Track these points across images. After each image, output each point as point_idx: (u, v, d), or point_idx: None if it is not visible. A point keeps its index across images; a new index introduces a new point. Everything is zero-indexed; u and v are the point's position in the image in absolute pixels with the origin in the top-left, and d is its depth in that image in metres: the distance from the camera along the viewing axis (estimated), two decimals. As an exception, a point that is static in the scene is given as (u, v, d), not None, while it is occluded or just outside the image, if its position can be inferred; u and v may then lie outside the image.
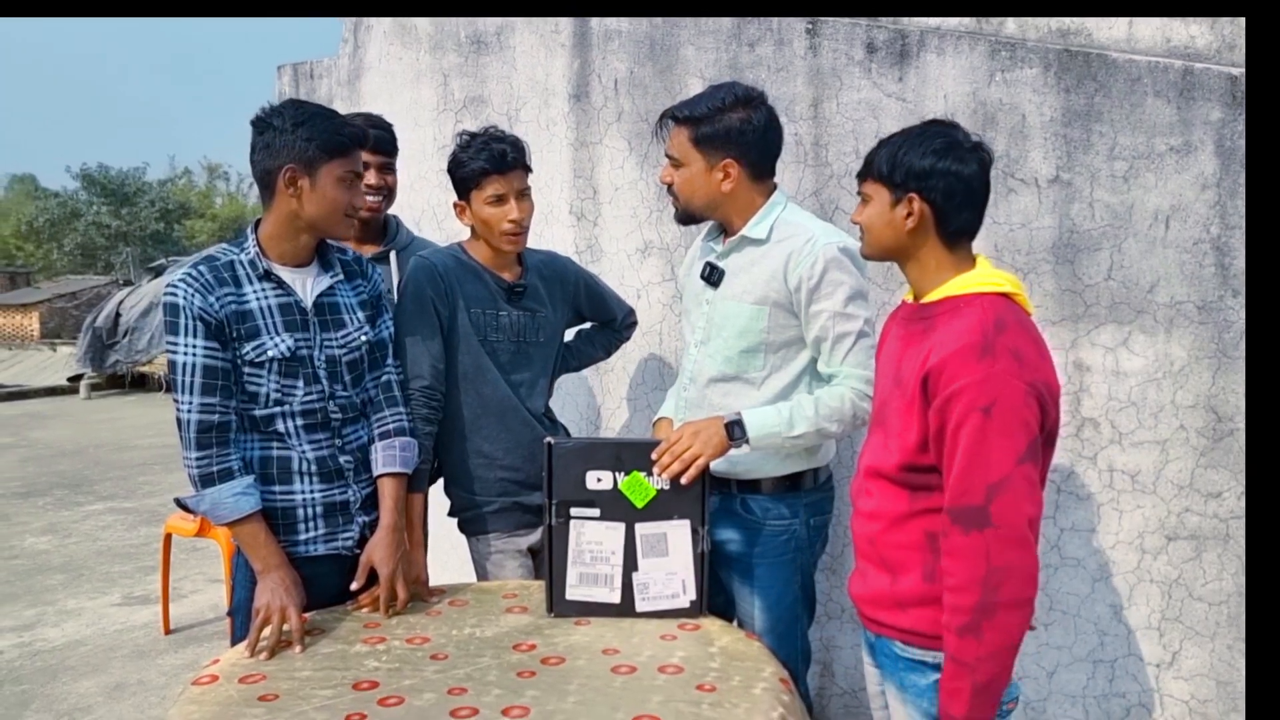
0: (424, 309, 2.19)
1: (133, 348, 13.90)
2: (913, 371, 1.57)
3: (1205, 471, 2.23)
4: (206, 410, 1.88)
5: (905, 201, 1.60)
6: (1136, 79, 2.21)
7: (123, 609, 4.77)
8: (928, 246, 1.63)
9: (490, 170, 2.16)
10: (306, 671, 1.73)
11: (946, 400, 1.49)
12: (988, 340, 1.49)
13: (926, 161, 1.58)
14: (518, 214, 2.19)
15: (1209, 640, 2.26)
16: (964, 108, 2.41)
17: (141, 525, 6.48)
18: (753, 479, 2.10)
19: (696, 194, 2.08)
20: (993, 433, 1.45)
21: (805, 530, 2.13)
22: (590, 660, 1.74)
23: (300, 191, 1.91)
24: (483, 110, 3.27)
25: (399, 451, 2.09)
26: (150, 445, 9.88)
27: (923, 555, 1.61)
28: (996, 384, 1.46)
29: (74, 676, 3.91)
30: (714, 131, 2.02)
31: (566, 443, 1.98)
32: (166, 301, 1.90)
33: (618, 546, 1.95)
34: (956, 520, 1.49)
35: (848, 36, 2.56)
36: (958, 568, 1.48)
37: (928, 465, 1.57)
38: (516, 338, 2.29)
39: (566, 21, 3.04)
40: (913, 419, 1.56)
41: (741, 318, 2.05)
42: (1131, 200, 2.25)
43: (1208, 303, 2.19)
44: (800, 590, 2.15)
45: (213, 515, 1.91)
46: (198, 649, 4.20)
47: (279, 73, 3.92)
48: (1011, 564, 1.45)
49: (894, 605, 1.65)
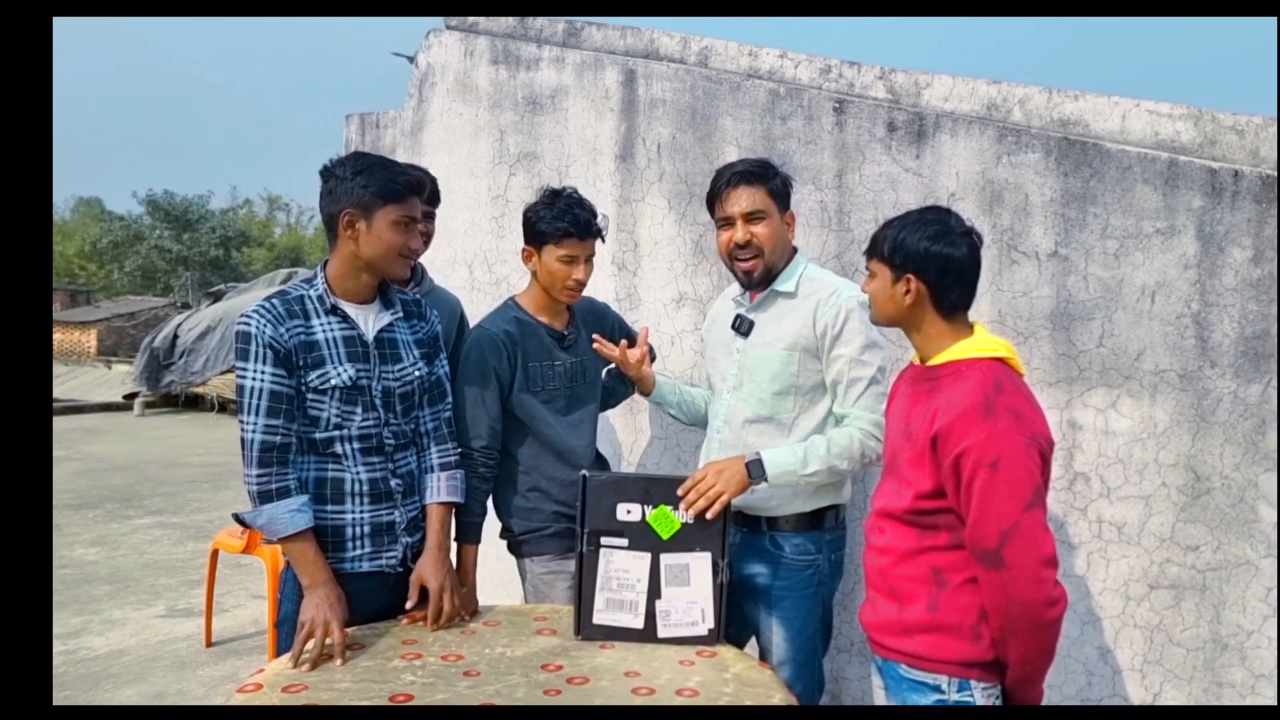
0: (485, 376, 2.39)
1: (188, 369, 14.30)
2: (922, 429, 1.77)
3: (1184, 526, 2.40)
4: (270, 431, 2.01)
5: (904, 280, 1.83)
6: (1127, 167, 2.43)
7: (166, 620, 4.90)
8: (927, 318, 1.85)
9: (572, 234, 2.39)
10: (346, 683, 1.82)
11: (956, 459, 1.69)
12: (989, 401, 1.69)
13: (921, 246, 1.80)
14: (582, 275, 2.43)
15: (1186, 683, 2.41)
16: (973, 185, 2.64)
17: (188, 540, 6.60)
18: (780, 515, 2.27)
19: (778, 244, 2.30)
20: (1000, 484, 1.65)
21: (828, 565, 2.30)
22: (613, 681, 1.85)
23: (358, 234, 2.07)
24: (535, 165, 3.55)
25: (458, 483, 2.29)
26: (200, 463, 10.07)
27: (928, 587, 1.80)
28: (1000, 441, 1.66)
29: (116, 685, 4.01)
30: (782, 186, 2.31)
31: (600, 476, 2.13)
32: (240, 330, 2.03)
33: (643, 575, 2.07)
34: (979, 560, 1.71)
35: (871, 115, 2.81)
36: (987, 597, 1.72)
37: (935, 509, 1.77)
38: (570, 383, 2.51)
39: (616, 88, 3.33)
40: (924, 470, 1.77)
41: (774, 362, 2.26)
42: (1121, 275, 2.45)
43: (1188, 371, 2.38)
44: (820, 622, 2.31)
45: (268, 530, 2.02)
46: (237, 661, 4.30)
47: (347, 121, 4.22)
48: (1026, 600, 1.67)
49: (900, 631, 1.83)
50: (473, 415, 2.39)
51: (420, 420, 2.28)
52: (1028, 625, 1.67)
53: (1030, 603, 1.66)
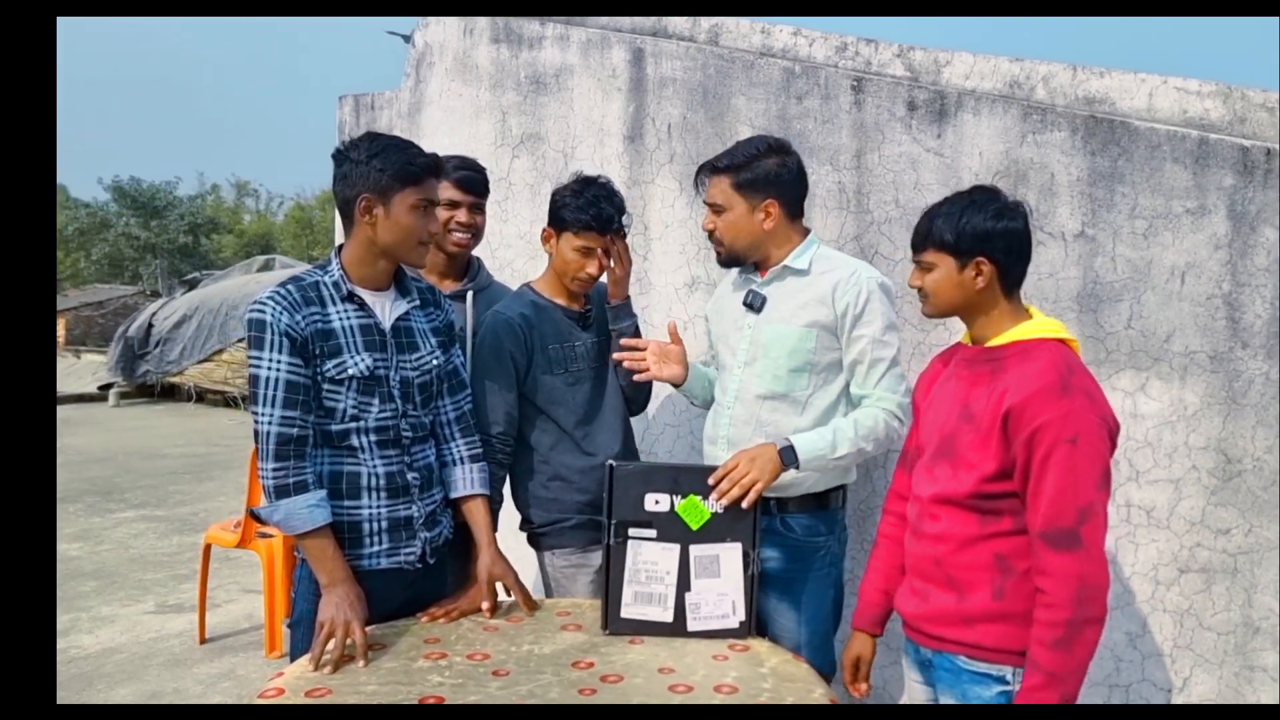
0: (501, 362, 2.34)
1: (164, 358, 14.06)
2: (987, 409, 1.72)
3: (1215, 509, 2.38)
4: (287, 424, 1.94)
5: (973, 265, 1.78)
6: (1156, 146, 2.40)
7: (157, 617, 4.78)
8: (992, 300, 1.81)
9: (593, 228, 2.34)
10: (372, 686, 1.76)
11: (1033, 434, 1.64)
12: (1064, 380, 1.66)
13: (988, 225, 1.76)
14: (595, 270, 2.39)
15: (1217, 668, 2.40)
16: (997, 165, 2.60)
17: (174, 534, 6.47)
18: (789, 496, 2.24)
19: (740, 235, 2.27)
20: (1080, 461, 1.61)
21: (837, 545, 2.30)
22: (647, 679, 1.80)
23: (375, 219, 2.00)
24: (539, 147, 3.47)
25: (488, 475, 2.25)
26: (181, 454, 9.93)
27: (991, 575, 1.74)
28: (1078, 418, 1.63)
29: (110, 684, 3.90)
30: (754, 177, 2.23)
31: (627, 465, 2.09)
32: (253, 318, 1.95)
33: (672, 567, 2.03)
34: (1049, 542, 1.63)
35: (890, 94, 2.75)
36: (1053, 586, 1.63)
37: (1000, 492, 1.72)
38: (594, 364, 2.46)
39: (623, 67, 3.25)
40: (989, 451, 1.71)
41: (791, 339, 2.22)
42: (1150, 256, 2.42)
43: (1219, 353, 2.36)
44: (832, 603, 2.31)
45: (285, 526, 1.95)
46: (234, 658, 4.19)
47: (340, 102, 4.10)
48: (1100, 582, 1.62)
49: (960, 621, 1.77)
50: (490, 402, 2.35)
51: (441, 411, 2.23)
52: (1095, 614, 1.62)
53: (1101, 588, 1.62)
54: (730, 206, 2.26)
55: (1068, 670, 1.62)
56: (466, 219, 2.54)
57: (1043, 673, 1.63)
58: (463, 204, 2.53)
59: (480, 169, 2.65)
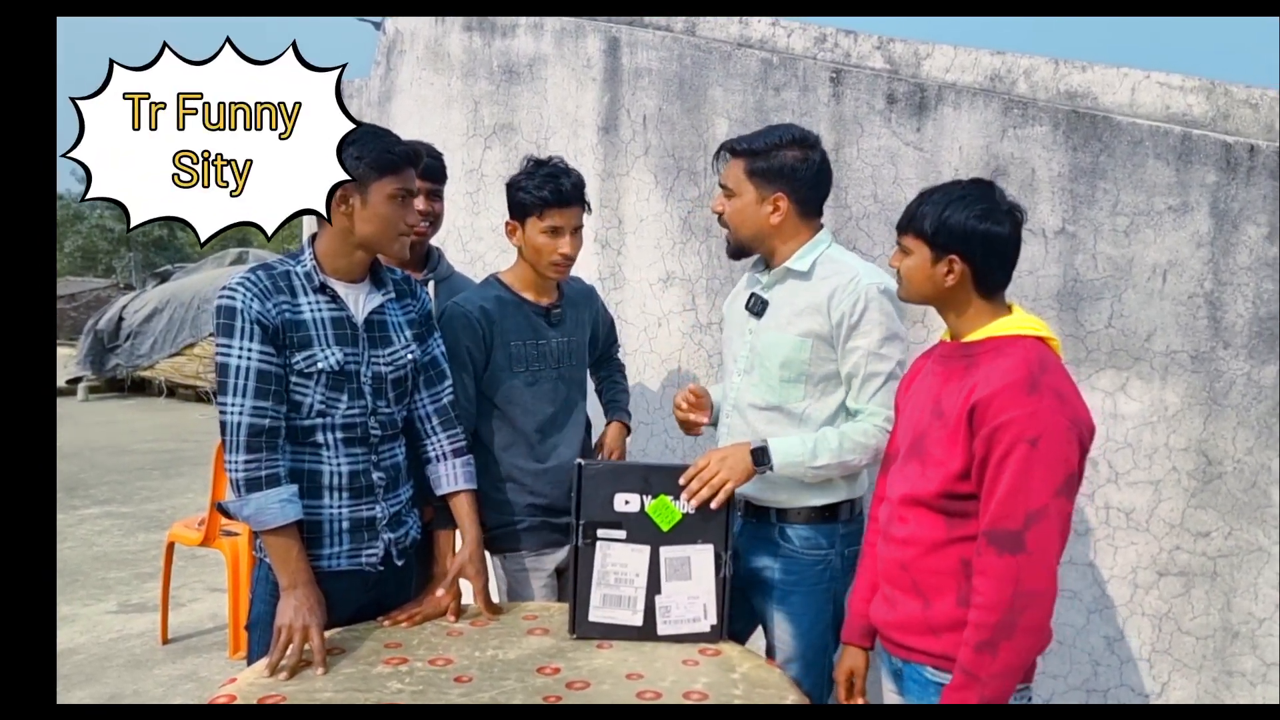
0: (457, 357, 2.25)
1: (134, 352, 13.83)
2: (956, 404, 1.66)
3: (1195, 511, 2.35)
4: (258, 414, 1.88)
5: (946, 261, 1.70)
6: (1138, 141, 2.36)
7: (118, 617, 4.64)
8: (965, 298, 1.74)
9: (552, 203, 2.22)
10: (327, 693, 1.71)
11: (994, 430, 1.58)
12: (1034, 378, 1.59)
13: (969, 225, 1.68)
14: (569, 249, 2.26)
15: (1196, 672, 2.37)
16: (977, 160, 2.55)
17: (139, 531, 6.33)
18: (791, 508, 2.15)
19: (745, 224, 2.15)
20: (1037, 464, 1.55)
21: (840, 560, 2.17)
22: (615, 685, 1.76)
23: (352, 210, 1.93)
24: (512, 138, 3.40)
25: (473, 469, 2.19)
26: (149, 450, 9.75)
27: (958, 581, 1.67)
28: (1043, 419, 1.56)
29: (67, 686, 3.76)
30: (769, 166, 2.10)
31: (596, 464, 2.03)
32: (223, 305, 1.88)
33: (642, 569, 1.97)
34: (992, 542, 1.58)
35: (869, 86, 2.70)
36: (987, 587, 1.58)
37: (967, 493, 1.65)
38: (558, 364, 2.35)
39: (598, 57, 3.19)
40: (956, 448, 1.65)
41: (785, 348, 2.11)
42: (1131, 254, 2.38)
43: (1200, 353, 2.32)
44: (831, 619, 2.19)
45: (255, 521, 1.89)
46: (196, 659, 4.10)
47: (311, 92, 4.03)
48: (1037, 591, 1.55)
49: (926, 630, 1.71)
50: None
51: (419, 404, 2.16)
52: (1030, 622, 1.56)
53: (1040, 595, 1.56)
54: (740, 192, 2.14)
55: (990, 674, 1.57)
56: (425, 206, 2.47)
57: (963, 672, 1.60)
58: (420, 190, 2.43)
59: (438, 154, 2.58)
